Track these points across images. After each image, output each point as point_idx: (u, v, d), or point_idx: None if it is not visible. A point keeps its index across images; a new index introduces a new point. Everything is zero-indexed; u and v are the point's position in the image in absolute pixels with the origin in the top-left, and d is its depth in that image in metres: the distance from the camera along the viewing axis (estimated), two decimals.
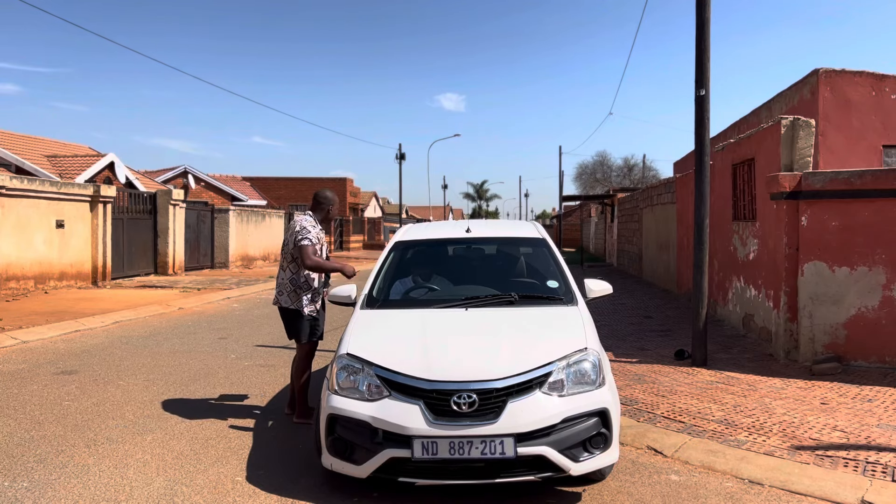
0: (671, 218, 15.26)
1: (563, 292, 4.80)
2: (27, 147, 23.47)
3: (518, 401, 3.62)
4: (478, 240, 5.72)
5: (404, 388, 3.70)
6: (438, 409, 3.60)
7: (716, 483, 4.23)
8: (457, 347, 4.00)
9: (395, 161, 48.87)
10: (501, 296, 4.71)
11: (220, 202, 33.01)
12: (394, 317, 4.61)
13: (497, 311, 4.52)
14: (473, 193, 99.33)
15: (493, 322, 4.35)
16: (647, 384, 6.56)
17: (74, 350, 8.59)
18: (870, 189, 7.15)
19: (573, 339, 4.03)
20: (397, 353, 3.94)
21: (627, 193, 25.06)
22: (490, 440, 3.52)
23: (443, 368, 3.74)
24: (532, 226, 5.83)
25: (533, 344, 3.98)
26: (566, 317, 4.41)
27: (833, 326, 7.28)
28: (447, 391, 3.61)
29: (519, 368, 3.71)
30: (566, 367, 3.81)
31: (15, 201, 14.26)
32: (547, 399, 3.67)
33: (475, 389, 3.60)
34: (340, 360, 4.01)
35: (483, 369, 3.71)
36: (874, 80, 12.57)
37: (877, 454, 4.56)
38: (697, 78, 7.55)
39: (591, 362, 3.89)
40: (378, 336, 4.30)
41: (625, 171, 56.75)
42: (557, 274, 5.00)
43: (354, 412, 3.72)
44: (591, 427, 3.71)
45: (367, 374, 3.85)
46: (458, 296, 4.81)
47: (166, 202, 19.71)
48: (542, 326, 4.31)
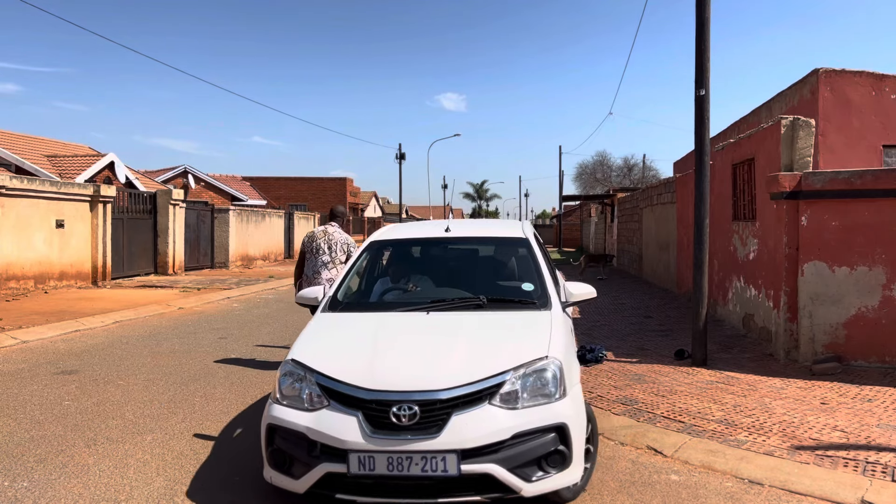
0: (671, 218, 15.26)
1: (537, 296, 4.46)
2: (27, 147, 23.47)
3: (464, 413, 3.33)
4: (457, 240, 5.36)
5: (343, 398, 3.45)
6: (377, 421, 3.34)
7: (716, 483, 4.23)
8: (405, 355, 3.72)
9: (395, 161, 48.91)
10: (469, 299, 4.41)
11: (220, 202, 33.01)
12: (351, 321, 4.35)
13: (460, 316, 4.21)
14: (473, 193, 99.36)
15: (451, 327, 4.06)
16: (647, 384, 6.56)
17: (74, 350, 8.59)
18: (870, 189, 7.15)
19: (533, 347, 3.69)
20: (342, 360, 3.69)
21: (627, 193, 25.05)
22: (431, 456, 3.24)
23: (385, 377, 3.47)
24: (518, 225, 5.49)
25: (488, 351, 3.68)
26: (534, 322, 4.06)
27: (833, 326, 7.28)
28: (387, 402, 3.34)
29: (467, 378, 3.42)
30: (522, 377, 3.49)
31: (15, 201, 14.26)
32: (497, 412, 3.36)
33: (417, 400, 3.32)
34: (284, 367, 3.77)
35: (428, 379, 3.43)
36: (874, 80, 12.57)
37: (877, 454, 4.56)
38: (697, 78, 7.55)
39: (550, 372, 3.55)
40: (329, 341, 4.06)
41: (625, 171, 56.74)
42: (535, 276, 4.66)
43: (292, 423, 3.48)
44: (548, 443, 3.38)
45: (309, 382, 3.59)
46: (424, 299, 4.56)
47: (166, 202, 19.71)
48: (503, 332, 3.97)
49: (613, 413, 5.62)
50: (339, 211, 7.71)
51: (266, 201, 41.36)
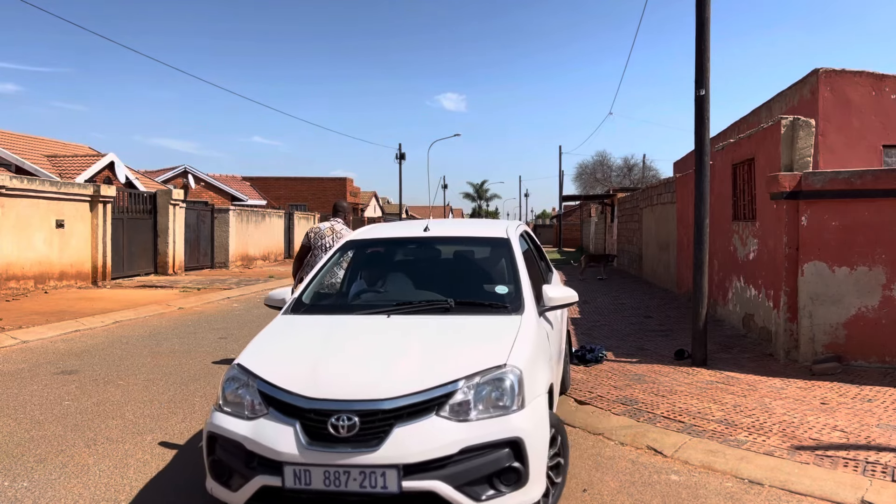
0: (671, 218, 15.26)
1: (510, 299, 4.15)
2: (27, 147, 23.47)
3: (408, 425, 3.06)
4: (435, 240, 5.07)
5: (283, 406, 3.21)
6: (315, 432, 3.09)
7: (716, 483, 4.23)
8: (351, 361, 3.48)
9: (395, 161, 48.90)
10: (436, 302, 4.15)
11: (220, 202, 33.01)
12: (308, 324, 4.12)
13: (423, 320, 3.95)
14: (473, 193, 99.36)
15: (409, 332, 3.79)
16: (647, 384, 6.56)
17: (74, 350, 8.59)
18: (870, 189, 7.16)
19: (492, 354, 3.40)
20: (287, 366, 3.47)
21: (627, 193, 25.05)
22: (370, 471, 3.00)
23: (327, 385, 3.23)
24: (502, 225, 5.16)
25: (442, 358, 3.40)
26: (500, 328, 3.76)
27: (833, 326, 7.28)
28: (326, 411, 3.10)
29: (414, 387, 3.16)
30: (475, 387, 3.21)
31: (15, 201, 14.27)
32: (445, 424, 3.09)
33: (357, 410, 3.08)
34: (230, 371, 3.56)
35: (372, 387, 3.18)
36: (874, 80, 12.57)
37: (877, 454, 4.56)
38: (697, 78, 7.55)
39: (508, 382, 3.25)
40: (279, 345, 3.83)
41: (625, 171, 56.74)
42: (511, 278, 4.36)
43: (231, 432, 3.26)
44: (500, 459, 3.09)
45: (251, 389, 3.37)
46: (389, 301, 4.35)
47: (166, 202, 19.72)
48: (463, 338, 3.70)
49: (613, 413, 5.62)
50: (342, 206, 7.69)
51: (266, 201, 41.36)
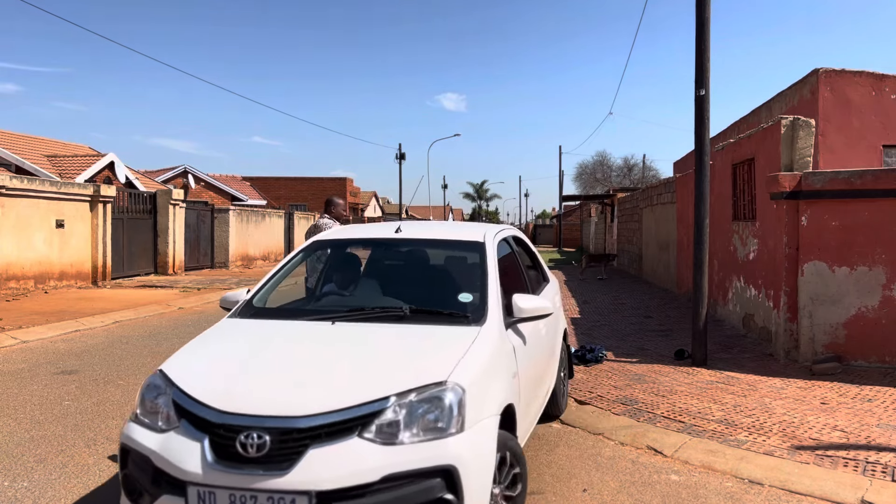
0: (671, 218, 15.26)
1: (472, 309, 3.80)
2: (27, 147, 23.48)
3: (325, 447, 2.74)
4: (406, 242, 4.76)
5: (194, 419, 2.93)
6: (223, 450, 2.80)
7: (716, 483, 4.23)
8: (274, 372, 3.18)
9: (395, 161, 48.91)
10: (390, 309, 3.85)
11: (220, 202, 33.02)
12: (247, 329, 3.85)
13: (371, 328, 3.64)
14: (473, 193, 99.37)
15: (350, 342, 3.50)
16: (647, 384, 6.56)
17: (74, 350, 8.59)
18: (870, 189, 7.16)
19: (433, 369, 3.05)
20: (207, 375, 3.21)
21: (627, 193, 25.06)
22: (279, 497, 2.69)
23: (243, 398, 2.93)
24: (480, 229, 4.71)
25: (375, 372, 3.07)
26: (452, 340, 3.40)
27: (833, 326, 7.28)
28: (236, 427, 2.80)
29: (337, 403, 2.83)
30: (408, 406, 2.86)
31: (15, 201, 14.27)
32: (367, 447, 2.76)
33: (270, 428, 2.77)
34: (151, 378, 3.30)
35: (290, 402, 2.87)
36: (874, 80, 12.57)
37: (877, 454, 4.56)
38: (697, 78, 7.56)
39: (447, 401, 2.90)
40: (209, 351, 3.57)
41: (625, 171, 56.77)
42: (478, 286, 3.97)
43: (141, 444, 2.99)
44: (431, 489, 2.76)
45: (168, 398, 3.10)
46: (341, 307, 4.11)
47: (166, 202, 19.72)
48: (407, 350, 3.36)
49: (613, 413, 5.62)
50: (332, 201, 7.54)
51: (266, 201, 41.38)
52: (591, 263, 22.01)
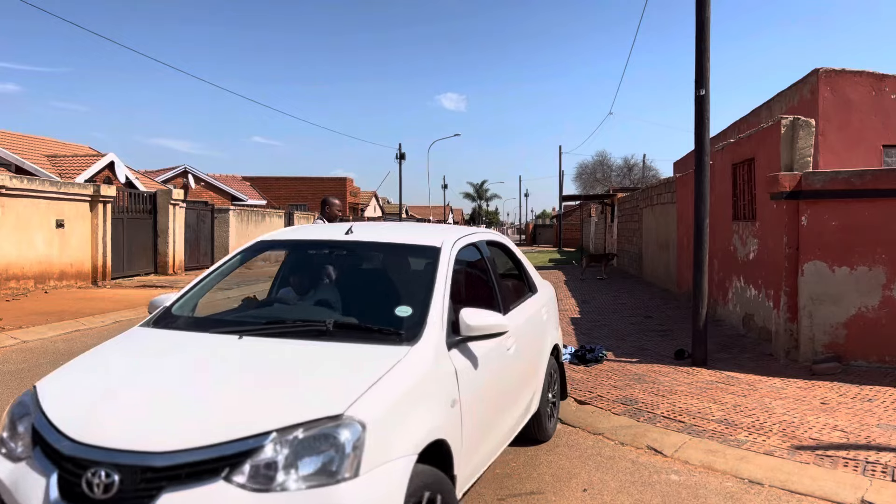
0: (671, 218, 15.26)
1: (409, 325, 3.24)
2: (27, 147, 23.48)
3: (182, 491, 2.28)
4: (356, 245, 4.19)
5: (47, 448, 2.53)
6: (69, 488, 2.37)
7: (716, 483, 4.23)
8: (144, 396, 2.70)
9: (395, 161, 48.91)
10: (312, 322, 3.36)
11: (220, 202, 33.02)
12: (146, 341, 3.41)
13: (281, 345, 3.16)
14: (473, 193, 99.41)
15: (247, 361, 3.02)
16: (646, 384, 6.56)
17: (74, 350, 8.59)
18: (870, 189, 7.16)
19: (332, 399, 2.55)
20: (77, 395, 2.78)
21: (627, 193, 25.06)
22: None
23: (99, 426, 2.49)
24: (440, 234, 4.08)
25: (262, 400, 2.60)
26: (370, 362, 2.90)
27: (833, 326, 7.28)
28: (84, 461, 2.38)
29: (203, 438, 2.37)
30: (293, 444, 2.38)
31: (15, 201, 14.27)
32: (235, 494, 2.29)
33: (121, 464, 2.33)
34: (22, 395, 2.91)
35: (148, 434, 2.42)
36: (874, 80, 12.58)
37: (877, 454, 4.56)
38: (697, 78, 7.56)
39: (342, 438, 2.41)
40: (94, 366, 3.12)
41: (625, 171, 56.80)
42: (422, 298, 3.41)
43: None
44: None
45: (30, 421, 2.70)
46: (259, 319, 3.71)
47: (166, 202, 19.72)
48: (311, 374, 2.86)
49: (613, 413, 5.63)
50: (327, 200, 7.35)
51: (266, 201, 41.37)
52: (592, 263, 22.01)
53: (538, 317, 4.84)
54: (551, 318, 5.29)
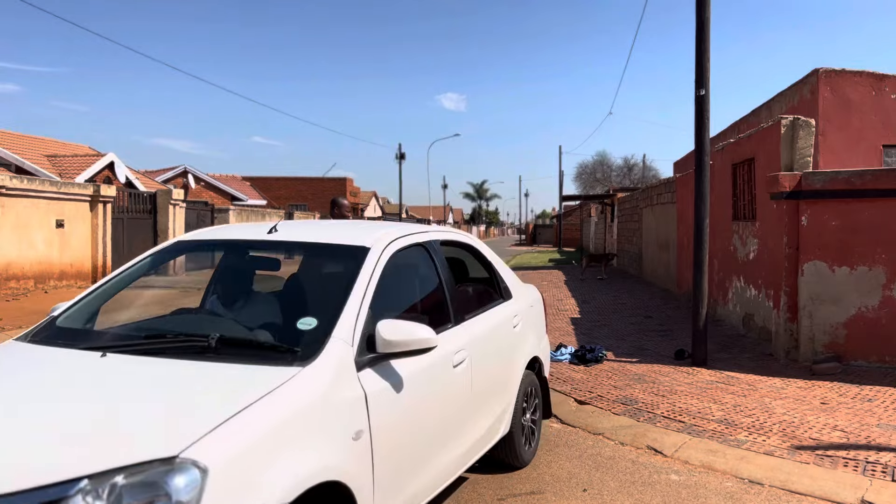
0: (671, 218, 15.26)
1: (309, 339, 2.75)
2: (27, 147, 23.49)
3: None
4: (277, 246, 3.73)
5: None
6: None
7: (716, 483, 4.23)
8: None
9: (395, 161, 48.91)
10: (194, 338, 2.85)
11: (220, 202, 33.03)
12: (5, 361, 2.90)
13: (146, 366, 2.68)
14: (473, 193, 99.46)
15: (96, 386, 2.54)
16: (646, 384, 6.56)
17: None
18: (870, 189, 7.16)
19: (166, 439, 2.08)
20: None
21: (627, 193, 25.06)
22: None
23: None
24: (375, 232, 3.49)
25: (84, 438, 2.13)
26: (243, 387, 2.41)
27: (833, 326, 7.28)
28: None
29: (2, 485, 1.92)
30: (110, 494, 1.92)
31: (15, 201, 14.27)
32: None
33: None
34: None
35: None
36: (874, 80, 12.58)
37: (877, 454, 4.56)
38: (697, 78, 7.55)
39: (171, 488, 1.94)
40: None
41: (625, 171, 56.82)
42: (332, 308, 2.88)
43: None
44: None
45: None
46: (138, 333, 3.18)
47: (166, 202, 19.72)
48: (165, 403, 2.36)
49: (613, 413, 5.63)
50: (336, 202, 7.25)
51: (266, 201, 41.38)
52: (592, 263, 22.00)
53: (506, 326, 4.30)
54: (530, 327, 4.71)
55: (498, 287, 4.53)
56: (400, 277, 3.50)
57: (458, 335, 3.59)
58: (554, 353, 7.82)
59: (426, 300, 3.74)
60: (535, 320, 4.89)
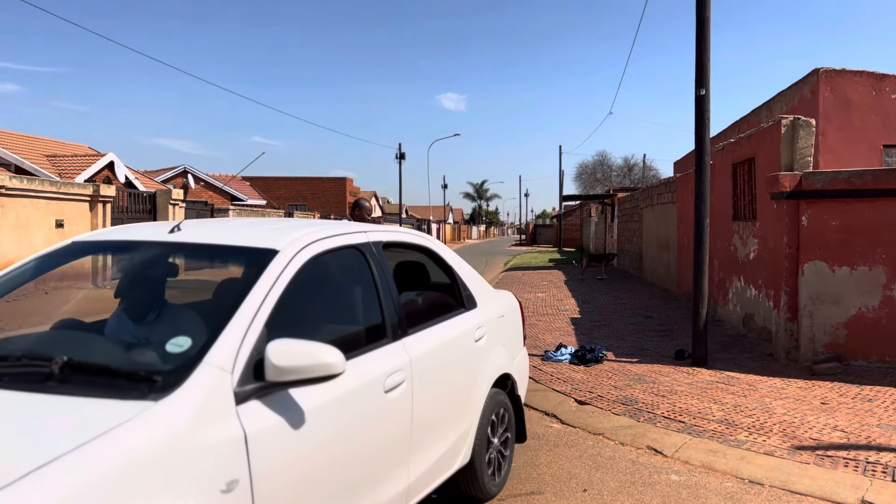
0: (671, 218, 15.25)
1: (174, 366, 2.23)
2: (27, 147, 23.48)
3: None
4: (176, 247, 3.21)
5: None
6: None
7: (716, 483, 4.23)
8: None
9: (395, 161, 48.91)
10: (38, 363, 2.34)
11: (220, 202, 33.03)
12: None
13: None
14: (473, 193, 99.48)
15: None
16: (647, 384, 6.56)
17: None
18: (870, 189, 7.15)
19: None
20: None
21: (627, 193, 25.04)
22: None
23: None
24: (292, 231, 2.96)
25: None
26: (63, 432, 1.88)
27: (833, 326, 7.27)
28: None
29: None
30: None
31: (14, 201, 14.26)
32: None
33: None
34: None
35: None
36: (874, 80, 12.57)
37: (877, 454, 4.56)
38: (697, 77, 7.55)
39: None
40: None
41: (625, 171, 56.80)
42: (214, 326, 2.36)
43: None
44: None
45: None
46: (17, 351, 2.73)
47: (166, 202, 19.72)
48: None
49: (613, 413, 5.62)
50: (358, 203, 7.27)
51: (266, 201, 41.37)
52: (592, 263, 22.00)
53: (466, 340, 3.71)
54: (499, 341, 4.13)
55: (459, 295, 3.92)
56: (320, 287, 3.00)
57: (395, 354, 3.02)
58: (554, 353, 7.83)
59: (355, 313, 3.19)
60: (507, 332, 4.32)
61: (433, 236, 7.40)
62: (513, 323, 4.49)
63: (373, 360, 2.87)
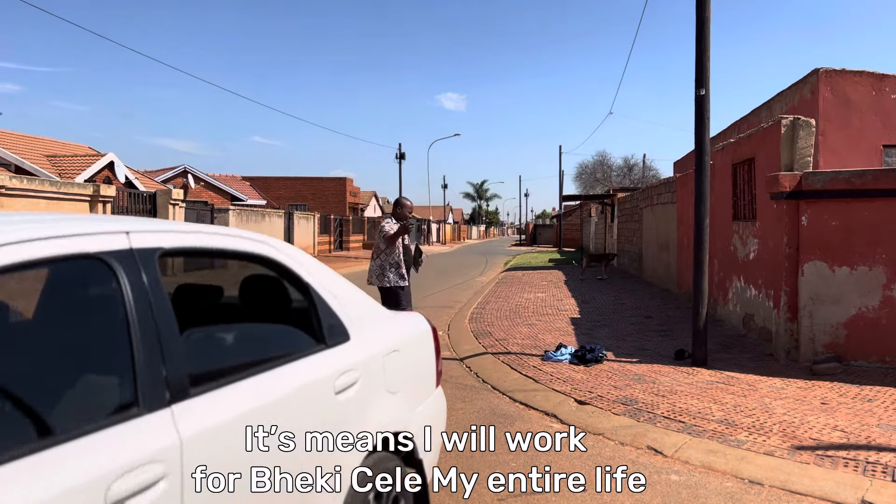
0: (671, 218, 15.25)
1: None
2: (27, 147, 23.48)
3: None
4: None
5: None
6: None
7: (716, 483, 4.23)
8: None
9: (395, 161, 48.90)
10: None
11: (220, 202, 33.02)
12: None
13: None
14: (473, 193, 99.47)
15: None
16: (646, 384, 6.55)
17: None
18: (870, 189, 7.15)
19: None
20: None
21: (627, 193, 25.04)
22: None
23: None
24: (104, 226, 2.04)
25: None
26: None
27: (833, 326, 7.27)
28: None
29: None
30: None
31: (14, 201, 14.26)
32: None
33: None
34: None
35: None
36: (874, 80, 12.57)
37: (877, 454, 4.56)
38: (697, 77, 7.55)
39: None
40: None
41: (625, 171, 56.79)
42: None
43: None
44: None
45: None
46: None
47: (166, 202, 19.72)
48: None
49: (613, 413, 5.62)
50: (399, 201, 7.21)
51: (266, 201, 41.37)
52: (592, 263, 21.99)
53: (316, 395, 2.51)
54: (383, 387, 2.92)
55: (318, 324, 2.70)
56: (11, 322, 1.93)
57: (148, 434, 1.83)
58: (554, 353, 7.83)
59: (76, 367, 1.90)
60: (404, 373, 3.11)
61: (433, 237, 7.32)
62: (415, 358, 3.28)
63: (89, 451, 1.66)
